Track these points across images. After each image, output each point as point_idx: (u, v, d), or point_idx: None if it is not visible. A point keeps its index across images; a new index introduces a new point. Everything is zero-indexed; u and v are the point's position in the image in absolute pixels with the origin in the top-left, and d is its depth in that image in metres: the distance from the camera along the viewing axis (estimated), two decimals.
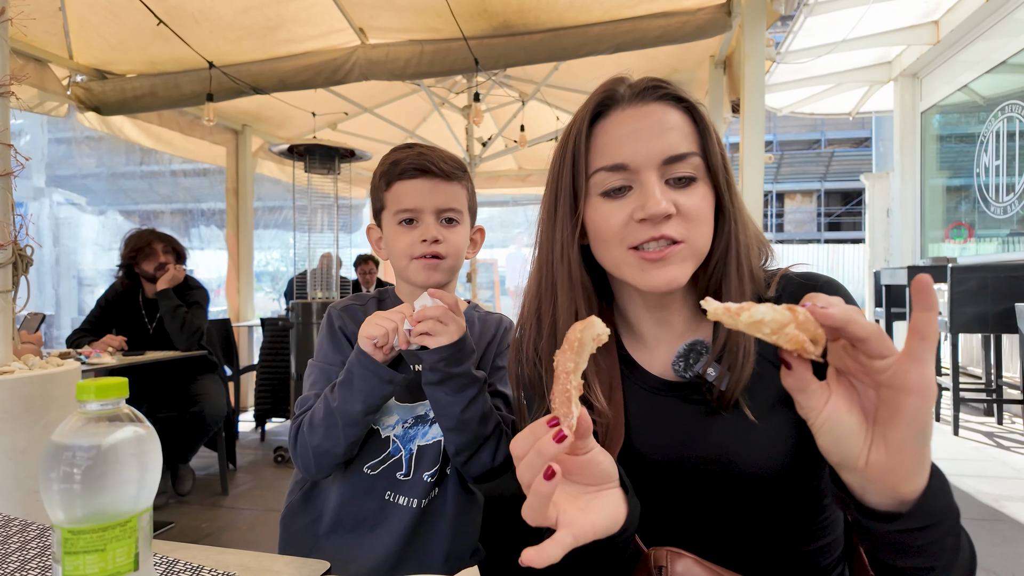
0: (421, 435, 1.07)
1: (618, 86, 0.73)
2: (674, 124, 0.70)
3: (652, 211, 0.66)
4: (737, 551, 0.71)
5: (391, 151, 1.11)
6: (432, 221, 1.06)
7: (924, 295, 0.47)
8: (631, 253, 0.69)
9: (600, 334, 0.52)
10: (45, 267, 8.09)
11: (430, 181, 1.05)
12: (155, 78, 3.93)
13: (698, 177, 0.70)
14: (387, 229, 1.10)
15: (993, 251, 5.20)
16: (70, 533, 0.49)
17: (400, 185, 1.06)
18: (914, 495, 0.50)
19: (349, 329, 1.10)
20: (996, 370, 4.23)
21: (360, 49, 3.65)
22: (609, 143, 0.71)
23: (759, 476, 0.69)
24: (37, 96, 3.71)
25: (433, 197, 1.06)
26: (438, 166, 1.05)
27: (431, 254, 1.05)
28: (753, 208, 3.14)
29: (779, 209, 20.91)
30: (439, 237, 1.05)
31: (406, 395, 1.08)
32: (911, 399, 0.48)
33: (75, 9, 3.41)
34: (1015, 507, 2.75)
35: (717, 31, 3.28)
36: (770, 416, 0.70)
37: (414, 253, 1.05)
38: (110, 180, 8.31)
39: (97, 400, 0.52)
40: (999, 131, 5.06)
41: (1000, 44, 5.02)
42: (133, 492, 0.52)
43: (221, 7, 3.38)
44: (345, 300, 1.16)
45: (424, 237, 1.04)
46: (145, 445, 0.53)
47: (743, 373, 0.69)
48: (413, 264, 1.06)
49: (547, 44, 3.44)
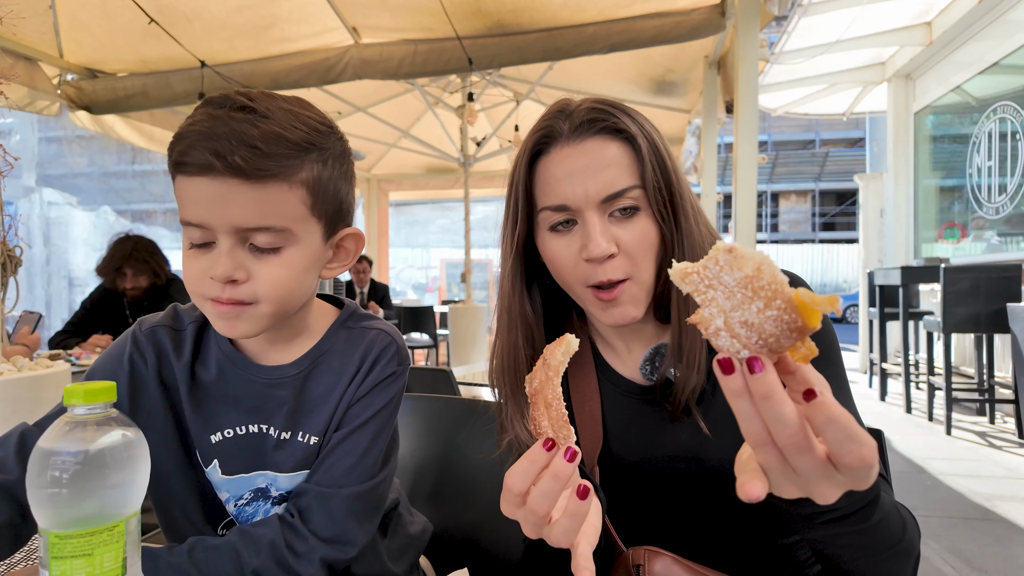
0: (262, 513, 0.80)
1: (557, 121, 0.73)
2: (612, 160, 0.70)
3: (593, 253, 0.68)
4: (714, 547, 0.74)
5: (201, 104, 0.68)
6: (229, 246, 0.67)
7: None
8: (589, 291, 0.72)
9: (575, 349, 0.53)
10: (36, 267, 8.03)
11: (226, 183, 0.64)
12: (146, 77, 3.91)
13: (640, 207, 0.71)
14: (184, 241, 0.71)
15: (985, 251, 5.23)
16: (57, 538, 0.49)
17: (181, 183, 0.67)
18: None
19: (146, 363, 0.78)
20: (988, 370, 4.26)
21: (353, 48, 3.65)
22: (550, 182, 0.72)
23: (728, 473, 0.70)
24: (27, 95, 3.68)
25: (229, 209, 0.65)
26: (238, 154, 0.63)
27: (227, 300, 0.68)
28: (747, 208, 3.15)
29: (774, 209, 21.01)
30: (235, 275, 0.67)
31: (240, 463, 0.79)
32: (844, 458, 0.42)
33: (65, 7, 3.38)
34: (1007, 507, 2.77)
35: (711, 31, 3.29)
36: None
37: (206, 293, 0.68)
38: (102, 179, 8.27)
39: (85, 404, 0.51)
40: (991, 132, 5.09)
41: (993, 45, 5.05)
42: (121, 497, 0.51)
43: (213, 6, 3.37)
44: (157, 318, 0.82)
45: (211, 273, 0.67)
46: (133, 449, 0.52)
47: (691, 379, 0.71)
48: (207, 306, 0.70)
49: (541, 44, 3.44)
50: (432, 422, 1.20)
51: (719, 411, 0.73)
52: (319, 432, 0.78)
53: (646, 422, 0.77)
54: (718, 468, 0.71)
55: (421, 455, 1.18)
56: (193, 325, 0.80)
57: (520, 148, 0.76)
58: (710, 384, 0.73)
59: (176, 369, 0.78)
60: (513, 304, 0.78)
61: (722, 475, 0.71)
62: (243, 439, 0.78)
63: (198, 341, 0.80)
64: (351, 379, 0.79)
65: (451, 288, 12.27)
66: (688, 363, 0.71)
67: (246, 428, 0.79)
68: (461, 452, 1.16)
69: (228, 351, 0.79)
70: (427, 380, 1.75)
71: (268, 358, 0.80)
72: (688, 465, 0.73)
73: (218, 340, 0.80)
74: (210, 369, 0.79)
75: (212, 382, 0.79)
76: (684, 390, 0.71)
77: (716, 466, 0.71)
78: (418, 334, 6.25)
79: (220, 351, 0.79)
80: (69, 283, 8.51)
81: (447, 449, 1.17)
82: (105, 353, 0.80)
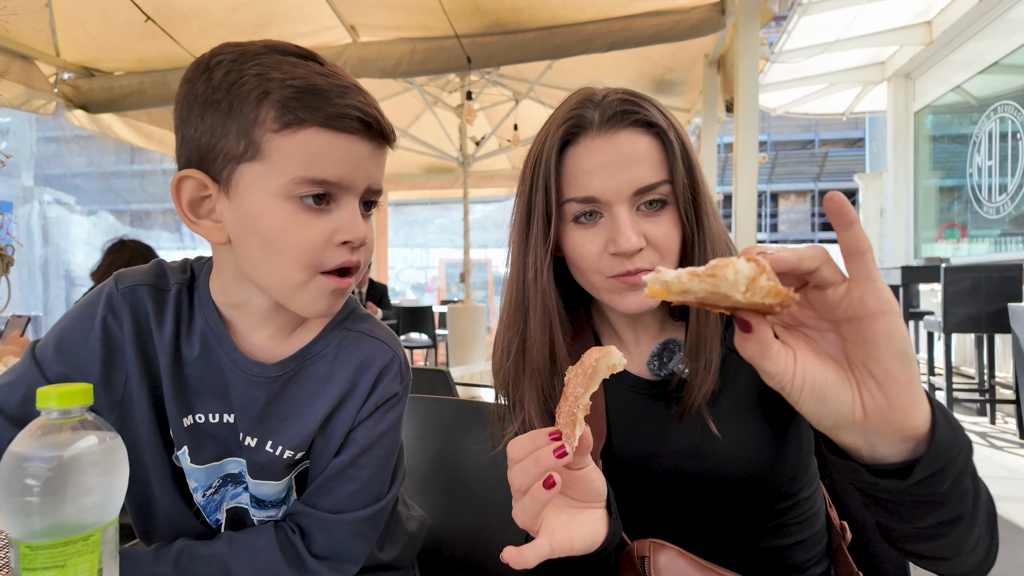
0: (230, 496, 0.76)
1: (587, 109, 0.71)
2: (644, 154, 0.69)
3: (623, 247, 0.67)
4: (714, 546, 0.73)
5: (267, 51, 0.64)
6: (357, 209, 0.66)
7: (841, 212, 0.43)
8: (611, 280, 0.71)
9: (616, 365, 0.53)
10: (34, 267, 8.00)
11: (371, 144, 0.66)
12: (143, 76, 3.89)
13: (668, 201, 0.70)
14: (257, 199, 0.62)
15: (986, 251, 5.22)
16: (28, 548, 0.47)
17: (320, 136, 0.62)
18: (925, 426, 0.46)
19: (122, 329, 0.69)
20: (989, 370, 4.24)
21: (351, 47, 3.63)
22: (579, 174, 0.70)
23: (733, 473, 0.71)
24: (24, 93, 3.66)
25: (369, 170, 0.66)
26: (387, 121, 0.68)
27: (355, 264, 0.66)
28: (747, 208, 3.13)
29: (773, 209, 21.00)
30: (366, 238, 0.67)
31: (211, 451, 0.73)
32: (878, 321, 0.44)
33: (62, 5, 3.36)
34: (1008, 507, 2.74)
35: (711, 30, 3.27)
36: (745, 413, 0.72)
37: (325, 262, 0.64)
38: (100, 179, 8.25)
39: (59, 407, 0.49)
40: (992, 131, 5.07)
41: (993, 45, 5.03)
42: (97, 504, 0.49)
43: (210, 4, 3.35)
44: (139, 273, 0.72)
45: (349, 236, 0.64)
46: (111, 455, 0.50)
47: (706, 380, 0.70)
48: (317, 283, 0.65)
49: (540, 42, 3.42)
50: (429, 423, 1.19)
51: (725, 409, 0.72)
52: (294, 446, 0.72)
53: (651, 417, 0.76)
54: (723, 466, 0.70)
55: (418, 456, 1.17)
56: (177, 287, 0.71)
57: (547, 130, 0.73)
58: (720, 382, 0.72)
59: (157, 339, 0.70)
60: (547, 297, 0.75)
61: (726, 473, 0.71)
62: (215, 427, 0.72)
63: (181, 307, 0.71)
64: (343, 396, 0.73)
65: (450, 288, 12.25)
66: (704, 363, 0.70)
67: (220, 417, 0.72)
68: (458, 453, 1.15)
69: (215, 325, 0.71)
70: (425, 381, 1.73)
71: (255, 345, 0.72)
72: (693, 463, 0.72)
73: (204, 311, 0.72)
74: (193, 345, 0.71)
75: (193, 360, 0.71)
76: (698, 391, 0.70)
77: (721, 464, 0.71)
78: (417, 334, 6.23)
79: (206, 323, 0.71)
80: (68, 283, 8.48)
81: (444, 450, 1.16)
82: (75, 313, 0.70)
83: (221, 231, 0.65)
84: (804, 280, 0.46)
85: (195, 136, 0.63)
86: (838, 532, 0.79)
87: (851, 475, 0.50)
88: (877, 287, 0.44)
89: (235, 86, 0.61)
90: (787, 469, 0.72)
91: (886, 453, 0.47)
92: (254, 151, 0.61)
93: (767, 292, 0.41)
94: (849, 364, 0.47)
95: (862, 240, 0.43)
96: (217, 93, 0.61)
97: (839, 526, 0.79)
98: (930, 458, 0.46)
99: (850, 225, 0.43)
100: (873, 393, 0.45)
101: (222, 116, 0.61)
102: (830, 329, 0.48)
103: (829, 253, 0.45)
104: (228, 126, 0.61)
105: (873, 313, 0.44)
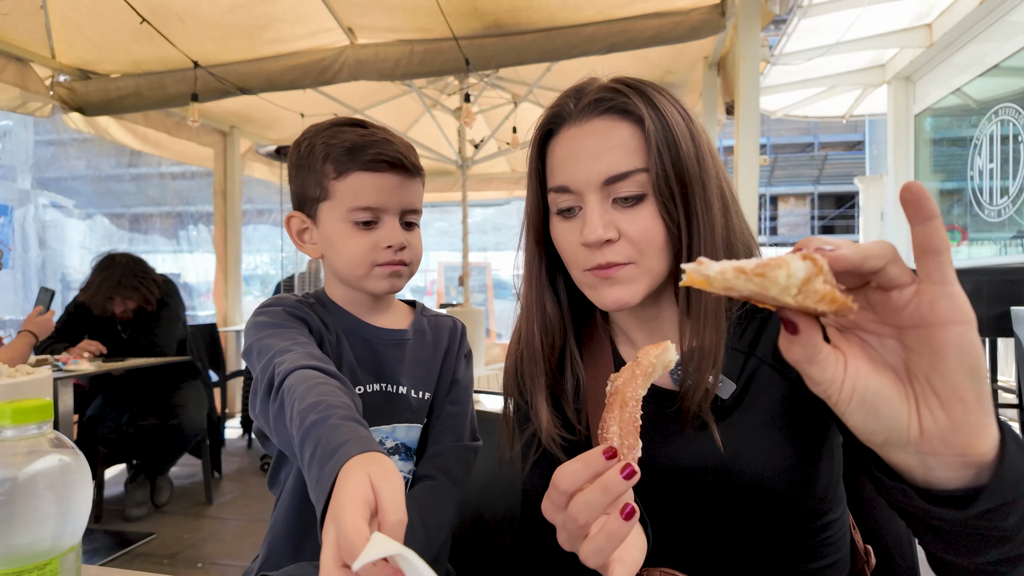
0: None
1: (569, 100, 0.72)
2: (618, 141, 0.67)
3: (588, 238, 0.66)
4: (735, 567, 0.68)
5: (329, 126, 0.94)
6: (396, 223, 0.92)
7: (920, 204, 0.37)
8: (587, 274, 0.69)
9: (671, 362, 0.49)
10: (31, 270, 7.96)
11: (398, 177, 0.91)
12: (140, 78, 3.86)
13: (647, 194, 0.67)
14: (331, 225, 0.92)
15: (987, 255, 5.19)
16: None
17: (361, 177, 0.89)
18: (992, 452, 0.41)
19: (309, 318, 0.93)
20: (991, 374, 4.21)
21: (349, 49, 3.60)
22: (555, 164, 0.71)
23: (757, 487, 0.66)
24: (19, 96, 3.62)
25: (400, 196, 0.91)
26: (409, 159, 0.92)
27: (398, 261, 0.92)
28: (747, 211, 3.10)
29: (772, 212, 20.98)
30: (405, 243, 0.92)
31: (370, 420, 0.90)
32: (950, 331, 0.38)
33: (57, 7, 3.33)
34: None
35: (711, 32, 3.24)
36: (770, 424, 0.67)
37: (377, 260, 0.91)
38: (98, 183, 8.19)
39: (14, 425, 0.45)
40: (992, 134, 5.05)
41: (993, 47, 5.01)
42: (55, 530, 0.45)
43: (206, 5, 3.31)
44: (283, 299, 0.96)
45: (390, 243, 0.90)
46: (70, 476, 0.47)
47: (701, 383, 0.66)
48: (376, 272, 0.91)
49: (539, 44, 3.39)
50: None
51: (755, 423, 0.67)
52: (430, 389, 0.99)
53: (665, 428, 0.71)
54: (746, 479, 0.66)
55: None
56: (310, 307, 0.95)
57: (535, 124, 0.75)
58: (739, 391, 0.68)
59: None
60: (531, 291, 0.75)
61: (749, 488, 0.66)
62: (369, 396, 0.93)
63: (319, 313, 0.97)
64: (445, 352, 1.02)
65: (449, 291, 12.21)
66: (701, 367, 0.66)
67: (372, 387, 0.95)
68: None
69: (345, 315, 0.97)
70: None
71: (377, 321, 0.98)
72: (713, 477, 0.67)
73: (333, 309, 0.98)
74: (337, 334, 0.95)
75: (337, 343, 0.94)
76: (694, 396, 0.66)
77: (744, 477, 0.66)
78: None
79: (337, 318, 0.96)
80: (65, 287, 8.44)
81: None
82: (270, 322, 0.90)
83: (316, 249, 0.96)
84: (866, 279, 0.41)
85: (295, 189, 0.96)
86: (862, 556, 0.74)
87: (901, 498, 0.45)
88: (952, 292, 0.38)
89: (311, 154, 0.91)
90: (817, 489, 0.67)
91: (943, 477, 0.42)
92: (324, 193, 0.91)
93: (821, 297, 0.37)
94: (909, 376, 0.42)
95: (940, 238, 0.38)
96: (303, 159, 0.93)
97: (863, 550, 0.75)
98: (996, 488, 0.41)
99: (928, 220, 0.37)
100: (934, 411, 0.40)
101: (305, 173, 0.93)
102: (891, 335, 0.42)
103: (897, 250, 0.39)
104: (310, 180, 0.92)
105: (945, 322, 0.38)
